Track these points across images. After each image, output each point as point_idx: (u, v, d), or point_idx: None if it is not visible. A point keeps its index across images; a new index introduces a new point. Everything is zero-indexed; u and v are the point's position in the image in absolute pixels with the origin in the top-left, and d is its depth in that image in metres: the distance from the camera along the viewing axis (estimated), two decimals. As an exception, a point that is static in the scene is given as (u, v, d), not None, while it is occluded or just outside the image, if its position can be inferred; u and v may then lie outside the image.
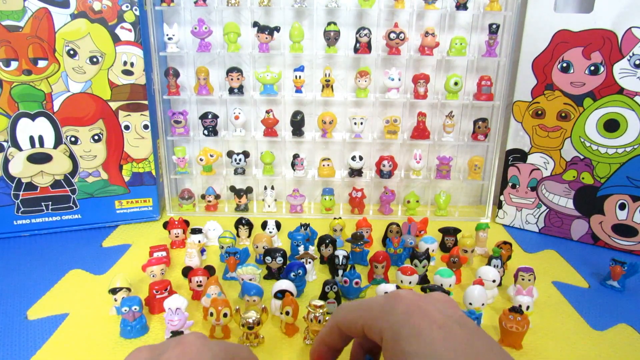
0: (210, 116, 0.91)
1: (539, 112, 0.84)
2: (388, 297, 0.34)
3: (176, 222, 0.80)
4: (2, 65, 0.75)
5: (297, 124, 0.91)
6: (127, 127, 0.84)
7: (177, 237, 0.80)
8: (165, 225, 0.81)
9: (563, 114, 0.82)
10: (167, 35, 0.85)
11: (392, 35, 0.84)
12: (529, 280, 0.64)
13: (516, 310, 0.57)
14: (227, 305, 0.55)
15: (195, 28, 0.85)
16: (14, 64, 0.75)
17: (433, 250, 0.76)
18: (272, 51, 0.88)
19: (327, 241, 0.73)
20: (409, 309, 0.32)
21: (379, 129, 0.94)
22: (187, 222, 0.82)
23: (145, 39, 0.82)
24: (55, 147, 0.81)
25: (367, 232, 0.80)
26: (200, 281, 0.63)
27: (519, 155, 0.88)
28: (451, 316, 0.31)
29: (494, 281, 0.65)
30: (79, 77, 0.79)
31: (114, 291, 0.60)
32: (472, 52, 0.89)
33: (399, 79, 0.87)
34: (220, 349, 0.30)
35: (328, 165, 0.93)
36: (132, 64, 0.81)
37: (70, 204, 0.85)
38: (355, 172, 0.93)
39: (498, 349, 0.29)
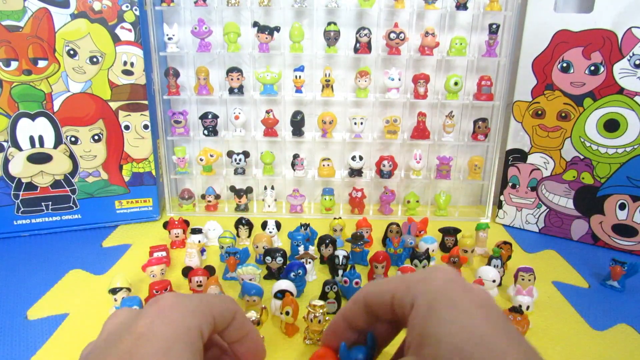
0: (210, 116, 0.91)
1: (539, 112, 0.84)
2: (427, 269, 0.32)
3: (176, 222, 0.80)
4: (2, 65, 0.75)
5: (297, 124, 0.91)
6: (127, 127, 0.84)
7: (177, 237, 0.80)
8: (165, 225, 0.81)
9: (563, 114, 0.82)
10: (167, 35, 0.85)
11: (392, 35, 0.85)
12: (529, 280, 0.64)
13: (516, 310, 0.57)
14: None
15: (195, 28, 0.85)
16: (14, 64, 0.75)
17: (433, 250, 0.76)
18: (272, 51, 0.88)
19: (327, 241, 0.73)
20: (451, 279, 0.29)
21: (379, 129, 0.94)
22: (187, 222, 0.82)
23: (145, 39, 0.82)
24: (55, 147, 0.81)
25: (367, 232, 0.80)
26: (200, 281, 0.63)
27: (519, 155, 0.88)
28: (489, 300, 0.29)
29: (494, 281, 0.65)
30: (79, 77, 0.79)
31: (114, 291, 0.60)
32: (472, 52, 0.89)
33: (399, 79, 0.87)
34: (195, 302, 0.30)
35: (328, 165, 0.93)
36: (132, 64, 0.81)
37: (70, 204, 0.85)
38: (355, 172, 0.93)
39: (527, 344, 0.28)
